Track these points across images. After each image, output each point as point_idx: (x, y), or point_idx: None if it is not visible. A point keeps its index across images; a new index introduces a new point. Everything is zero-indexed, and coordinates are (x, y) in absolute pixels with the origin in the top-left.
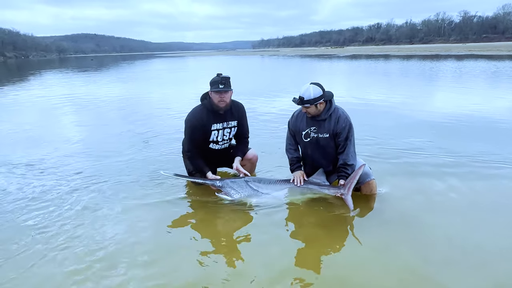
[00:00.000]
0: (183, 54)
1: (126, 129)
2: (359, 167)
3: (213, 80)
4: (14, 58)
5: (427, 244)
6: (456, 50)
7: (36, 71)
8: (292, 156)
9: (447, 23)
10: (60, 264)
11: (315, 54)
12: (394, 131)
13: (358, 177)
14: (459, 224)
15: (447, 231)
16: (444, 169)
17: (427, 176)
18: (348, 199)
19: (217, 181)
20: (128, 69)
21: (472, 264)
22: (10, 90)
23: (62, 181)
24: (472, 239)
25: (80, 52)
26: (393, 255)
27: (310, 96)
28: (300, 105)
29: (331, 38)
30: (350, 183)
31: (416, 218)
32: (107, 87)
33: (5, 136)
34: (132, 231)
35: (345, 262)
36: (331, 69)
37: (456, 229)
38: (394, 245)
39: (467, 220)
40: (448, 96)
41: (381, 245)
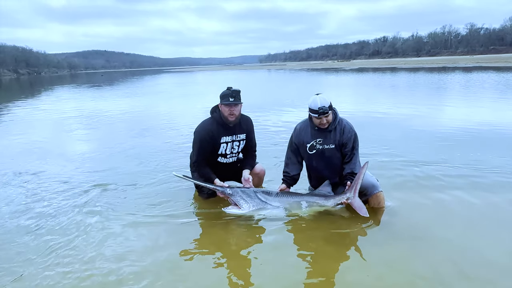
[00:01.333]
0: (191, 69)
1: (133, 143)
2: (362, 166)
3: (223, 93)
4: (27, 74)
5: (439, 260)
6: (463, 62)
7: (48, 87)
8: (284, 170)
9: (453, 35)
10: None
11: (322, 68)
12: (402, 143)
13: (362, 176)
14: (473, 238)
15: (460, 246)
16: (454, 181)
17: (436, 188)
18: (356, 202)
19: (227, 188)
20: (137, 84)
21: (486, 281)
22: (23, 104)
23: (71, 194)
24: (486, 254)
25: (91, 68)
26: (404, 270)
27: (327, 104)
28: (322, 115)
29: (337, 51)
30: (355, 184)
31: (427, 232)
32: (117, 102)
33: (17, 148)
34: (143, 247)
35: (355, 278)
36: (338, 83)
37: (469, 244)
38: (405, 261)
39: (480, 234)
40: (457, 108)
41: (391, 260)
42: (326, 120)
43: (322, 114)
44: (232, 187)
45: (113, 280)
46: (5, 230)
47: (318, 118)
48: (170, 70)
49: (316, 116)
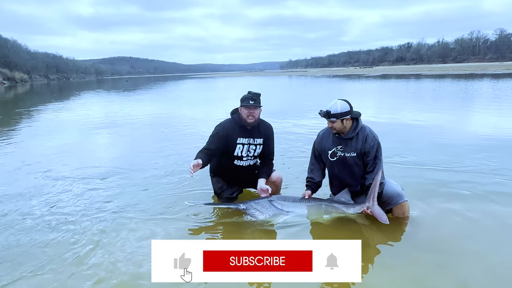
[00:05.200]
0: (213, 75)
1: (157, 149)
2: (376, 173)
3: (244, 96)
4: (57, 80)
5: (467, 274)
6: (492, 69)
7: (75, 92)
8: (308, 176)
9: (482, 41)
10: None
11: (344, 74)
12: (428, 151)
13: (378, 184)
14: (502, 252)
15: (488, 260)
16: (483, 192)
17: (464, 199)
18: (376, 210)
19: (240, 204)
20: (162, 89)
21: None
22: (53, 107)
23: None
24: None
25: (116, 74)
26: (431, 284)
27: (337, 110)
28: (326, 118)
29: (359, 58)
30: (372, 193)
31: (453, 244)
32: (142, 106)
33: (45, 150)
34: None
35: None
36: (361, 89)
37: (498, 258)
38: (431, 274)
39: (511, 248)
40: (487, 116)
41: (417, 273)
42: (333, 126)
43: (327, 117)
44: (246, 202)
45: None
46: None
47: (330, 121)
48: (192, 76)
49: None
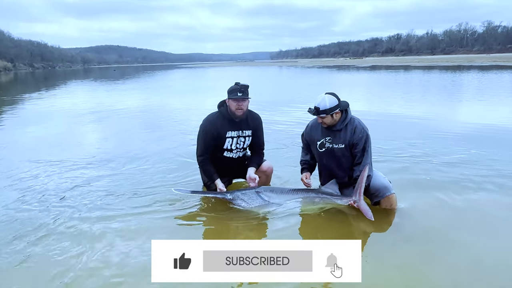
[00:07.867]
0: (202, 65)
1: (146, 138)
2: (363, 169)
3: (231, 88)
4: (42, 68)
5: (455, 264)
6: (479, 61)
7: (61, 81)
8: (302, 159)
9: (469, 33)
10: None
11: (334, 65)
12: (417, 143)
13: (365, 179)
14: (490, 243)
15: (476, 250)
16: (471, 183)
17: (452, 190)
18: (362, 206)
19: (227, 194)
20: (149, 79)
21: (503, 287)
22: (37, 97)
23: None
24: (504, 259)
25: (104, 62)
26: (419, 275)
27: (326, 106)
28: (315, 115)
29: (349, 49)
30: (359, 187)
31: (441, 235)
32: (131, 96)
33: (30, 140)
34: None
35: (368, 282)
36: (351, 80)
37: (486, 249)
38: (419, 264)
39: (498, 238)
40: (474, 108)
41: (404, 263)
42: (323, 121)
43: (317, 114)
44: (233, 191)
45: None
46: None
47: (320, 117)
48: (181, 66)
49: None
